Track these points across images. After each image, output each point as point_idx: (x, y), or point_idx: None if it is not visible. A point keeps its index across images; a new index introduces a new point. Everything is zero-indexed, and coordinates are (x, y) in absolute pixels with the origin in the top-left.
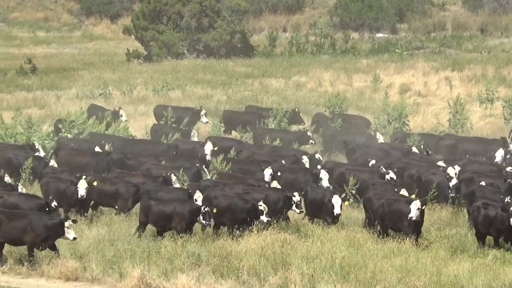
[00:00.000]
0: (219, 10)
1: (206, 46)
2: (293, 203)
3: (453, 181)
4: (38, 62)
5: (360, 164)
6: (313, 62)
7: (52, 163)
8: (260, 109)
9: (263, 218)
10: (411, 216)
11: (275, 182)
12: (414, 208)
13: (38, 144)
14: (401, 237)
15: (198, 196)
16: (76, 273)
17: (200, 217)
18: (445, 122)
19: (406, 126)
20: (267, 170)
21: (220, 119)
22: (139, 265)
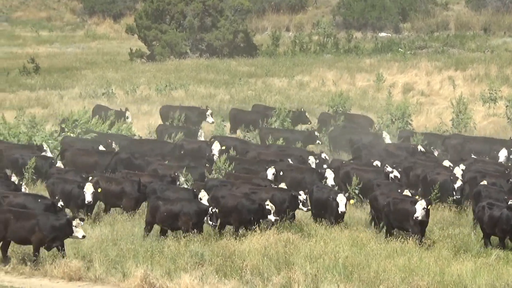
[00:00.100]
0: (222, 10)
1: (209, 46)
2: (300, 202)
3: (458, 183)
4: (41, 62)
5: (366, 164)
6: (316, 62)
7: (59, 164)
8: (267, 109)
9: (271, 217)
10: (417, 216)
11: (283, 184)
12: (420, 208)
13: (47, 146)
14: (404, 237)
15: (203, 196)
16: (79, 273)
17: (208, 218)
18: (448, 122)
19: (409, 126)
20: (270, 170)
21: (223, 118)
22: (142, 265)
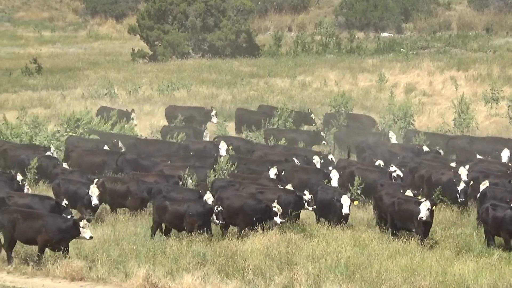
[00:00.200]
0: (225, 10)
1: (211, 46)
2: (305, 202)
3: (461, 185)
4: (43, 62)
5: (370, 164)
6: (319, 62)
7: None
8: (273, 109)
9: (277, 220)
10: (421, 217)
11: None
12: (424, 209)
13: (54, 149)
14: (407, 237)
15: (208, 197)
16: (82, 273)
17: (214, 217)
18: (451, 122)
19: (412, 126)
20: (272, 170)
21: (225, 118)
22: (145, 265)
